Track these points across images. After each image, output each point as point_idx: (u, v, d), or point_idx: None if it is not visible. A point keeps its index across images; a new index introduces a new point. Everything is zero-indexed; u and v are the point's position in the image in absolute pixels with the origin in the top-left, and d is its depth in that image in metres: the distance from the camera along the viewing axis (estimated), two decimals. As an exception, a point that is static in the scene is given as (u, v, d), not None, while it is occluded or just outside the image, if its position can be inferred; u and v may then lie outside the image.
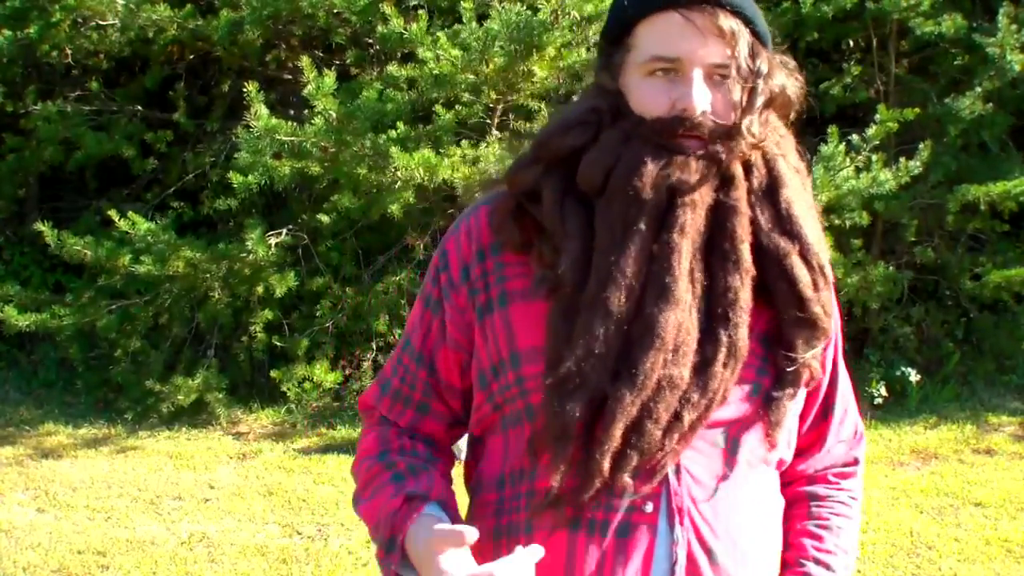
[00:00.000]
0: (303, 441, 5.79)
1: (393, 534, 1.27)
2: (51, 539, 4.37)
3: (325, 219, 5.95)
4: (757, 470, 1.33)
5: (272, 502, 4.85)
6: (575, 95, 5.26)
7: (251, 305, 6.09)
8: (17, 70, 6.74)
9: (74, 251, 5.68)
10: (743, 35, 1.25)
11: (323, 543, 4.36)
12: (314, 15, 5.97)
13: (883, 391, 6.19)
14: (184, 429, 5.92)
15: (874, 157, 5.64)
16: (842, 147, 5.51)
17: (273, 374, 5.99)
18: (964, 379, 6.56)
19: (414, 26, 5.35)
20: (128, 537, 4.41)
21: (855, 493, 1.45)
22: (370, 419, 1.46)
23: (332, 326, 6.10)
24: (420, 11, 5.62)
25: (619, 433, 1.20)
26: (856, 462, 1.46)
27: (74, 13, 6.06)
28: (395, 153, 5.13)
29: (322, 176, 5.64)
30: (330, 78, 5.17)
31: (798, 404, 1.35)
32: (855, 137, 5.70)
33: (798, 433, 1.40)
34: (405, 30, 5.37)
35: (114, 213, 5.64)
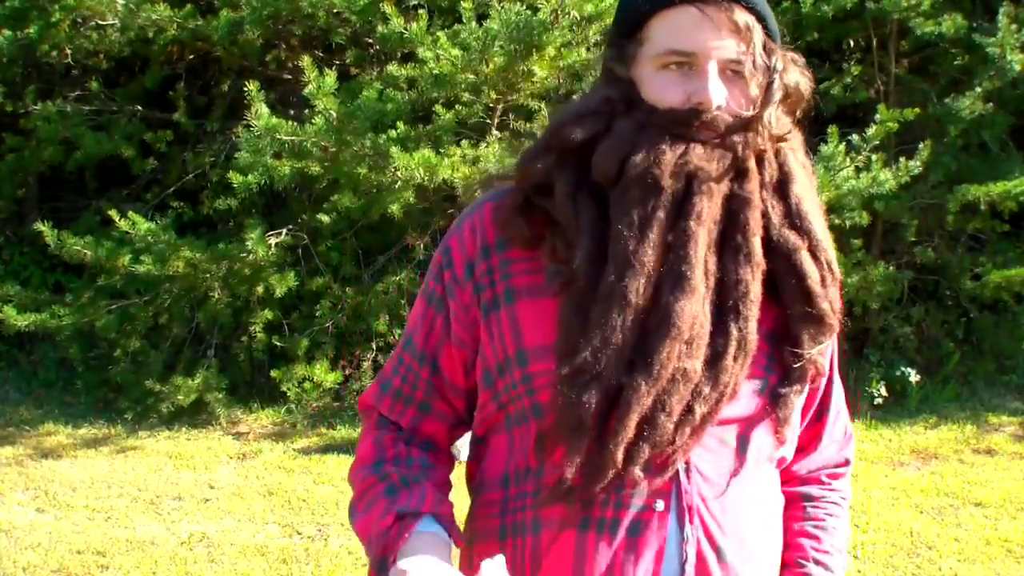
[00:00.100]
0: (303, 441, 5.79)
1: (384, 554, 1.26)
2: (51, 539, 4.37)
3: (325, 219, 5.95)
4: (762, 468, 1.33)
5: (272, 502, 4.84)
6: (575, 95, 5.26)
7: (251, 305, 6.09)
8: (17, 70, 6.74)
9: (74, 251, 5.68)
10: (757, 31, 1.25)
11: (323, 543, 4.36)
12: (314, 15, 5.97)
13: (883, 391, 6.19)
14: (184, 429, 5.92)
15: (874, 157, 5.64)
16: (842, 147, 5.52)
17: (273, 374, 5.99)
18: (964, 379, 6.57)
19: (414, 26, 5.35)
20: (128, 537, 4.41)
21: (846, 493, 1.47)
22: (369, 420, 1.44)
23: (332, 326, 6.10)
24: (420, 11, 5.62)
25: (634, 424, 1.19)
26: (847, 463, 1.48)
27: (74, 13, 6.05)
28: (395, 153, 5.13)
29: (322, 176, 5.64)
30: (331, 77, 5.17)
31: (802, 401, 1.35)
32: (855, 137, 5.70)
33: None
34: (405, 30, 5.36)
35: (114, 213, 5.64)
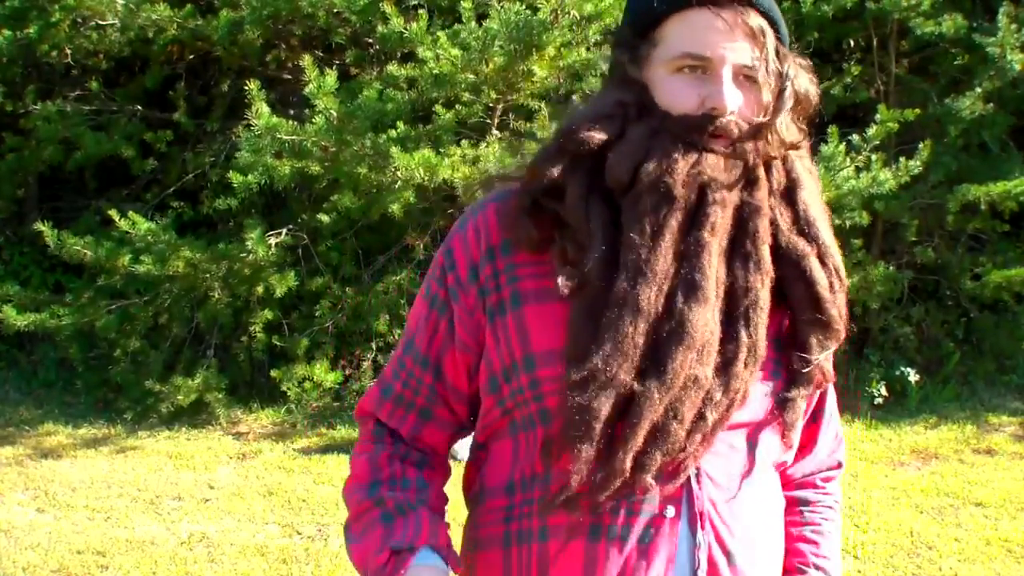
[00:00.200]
0: (303, 441, 5.79)
1: None
2: (51, 539, 4.37)
3: (325, 219, 5.95)
4: (767, 471, 1.33)
5: (272, 502, 4.84)
6: (575, 94, 5.25)
7: (251, 305, 6.09)
8: (17, 70, 6.73)
9: (74, 251, 5.67)
10: (770, 36, 1.24)
11: (323, 543, 4.36)
12: (314, 15, 5.97)
13: (883, 391, 6.19)
14: (184, 429, 5.92)
15: (874, 157, 5.65)
16: (842, 147, 5.52)
17: (273, 374, 5.98)
18: (964, 379, 6.57)
19: (414, 26, 5.35)
20: (128, 537, 4.41)
21: (838, 496, 1.48)
22: (365, 428, 1.41)
23: (332, 326, 6.10)
24: (420, 11, 5.62)
25: (644, 432, 1.18)
26: (839, 466, 1.49)
27: (74, 13, 6.05)
28: (395, 153, 5.13)
29: (322, 176, 5.64)
30: (331, 77, 5.17)
31: (807, 405, 1.36)
32: (855, 137, 5.70)
33: None
34: (405, 30, 5.36)
35: (114, 213, 5.63)
